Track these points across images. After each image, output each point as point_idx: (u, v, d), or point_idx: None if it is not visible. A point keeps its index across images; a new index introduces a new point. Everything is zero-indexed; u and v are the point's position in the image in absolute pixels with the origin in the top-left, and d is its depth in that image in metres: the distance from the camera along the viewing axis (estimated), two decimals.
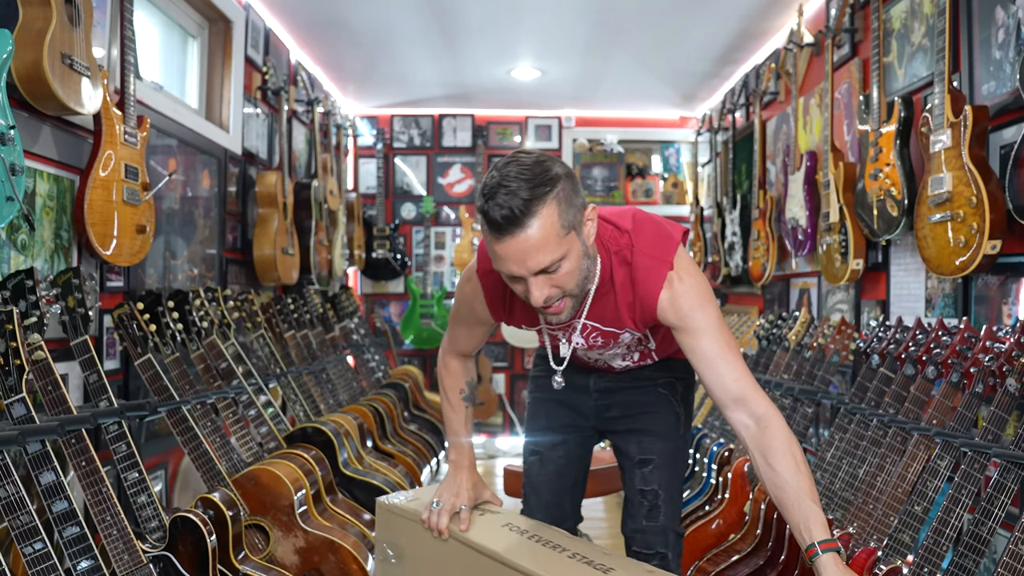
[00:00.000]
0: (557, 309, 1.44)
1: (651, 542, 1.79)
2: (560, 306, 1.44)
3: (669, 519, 1.80)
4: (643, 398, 1.85)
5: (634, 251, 1.51)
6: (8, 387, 1.61)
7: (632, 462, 1.84)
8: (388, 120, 5.73)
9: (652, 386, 1.86)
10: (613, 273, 1.53)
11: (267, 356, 3.17)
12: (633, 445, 1.84)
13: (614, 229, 1.54)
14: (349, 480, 2.91)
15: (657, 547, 1.78)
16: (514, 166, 1.35)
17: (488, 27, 3.92)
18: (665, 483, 1.81)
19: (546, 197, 1.32)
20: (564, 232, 1.35)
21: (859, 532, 2.05)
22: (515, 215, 1.31)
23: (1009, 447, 1.69)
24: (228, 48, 3.39)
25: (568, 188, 1.37)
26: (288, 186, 3.68)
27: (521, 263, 1.35)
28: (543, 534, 1.71)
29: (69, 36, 1.94)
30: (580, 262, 1.41)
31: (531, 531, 1.72)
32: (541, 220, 1.32)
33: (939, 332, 2.09)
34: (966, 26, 2.36)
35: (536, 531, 1.73)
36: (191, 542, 1.91)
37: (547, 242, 1.33)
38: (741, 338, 3.69)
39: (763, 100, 4.03)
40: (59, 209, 2.15)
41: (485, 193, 1.34)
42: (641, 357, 1.81)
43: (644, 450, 1.83)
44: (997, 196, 2.04)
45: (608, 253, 1.53)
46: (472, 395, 1.90)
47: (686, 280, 1.50)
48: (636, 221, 1.56)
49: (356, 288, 5.75)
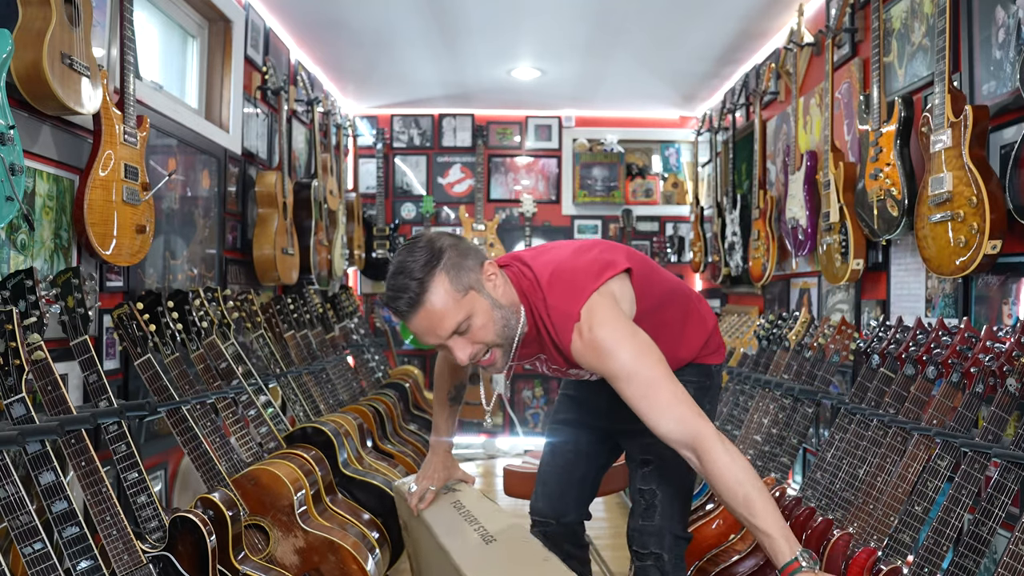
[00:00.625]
0: (488, 362, 1.57)
1: (646, 542, 1.81)
2: (490, 359, 1.57)
3: (666, 520, 1.81)
4: None
5: (547, 307, 1.61)
6: (8, 387, 1.60)
7: (635, 462, 1.88)
8: (388, 120, 5.73)
9: None
10: (540, 322, 1.63)
11: (267, 356, 3.17)
12: (636, 446, 1.87)
13: (532, 284, 1.64)
14: (349, 480, 2.91)
15: (651, 547, 1.80)
16: (404, 253, 1.53)
17: (488, 27, 3.92)
18: (663, 484, 1.82)
19: (435, 271, 1.49)
20: (462, 294, 1.50)
21: (859, 532, 2.05)
22: (413, 297, 1.48)
23: (1009, 447, 1.69)
24: (228, 48, 3.39)
25: (455, 256, 1.52)
26: (288, 186, 3.68)
27: (433, 333, 1.51)
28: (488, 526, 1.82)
29: (69, 36, 1.94)
30: (491, 315, 1.54)
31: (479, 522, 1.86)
32: (435, 292, 1.48)
33: (939, 332, 2.08)
34: (966, 26, 2.36)
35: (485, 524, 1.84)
36: (191, 542, 1.91)
37: (447, 309, 1.49)
38: (741, 338, 3.69)
39: (763, 100, 4.03)
40: (59, 209, 2.15)
41: (387, 286, 1.53)
42: None
43: (645, 451, 1.85)
44: (997, 196, 2.04)
45: (530, 304, 1.63)
46: (458, 396, 2.06)
47: (594, 330, 1.54)
48: (554, 274, 1.63)
49: (356, 288, 5.75)
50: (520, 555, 1.69)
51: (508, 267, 1.68)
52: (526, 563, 1.66)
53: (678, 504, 1.84)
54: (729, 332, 3.90)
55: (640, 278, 1.71)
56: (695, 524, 2.74)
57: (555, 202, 5.79)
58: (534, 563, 1.65)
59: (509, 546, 1.72)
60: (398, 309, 1.52)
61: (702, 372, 1.91)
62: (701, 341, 1.91)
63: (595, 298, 1.59)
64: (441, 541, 1.78)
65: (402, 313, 1.51)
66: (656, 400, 1.50)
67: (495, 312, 1.55)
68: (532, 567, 1.64)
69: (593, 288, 1.60)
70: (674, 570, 1.81)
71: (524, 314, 1.63)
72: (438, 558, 1.80)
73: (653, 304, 1.75)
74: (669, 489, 1.82)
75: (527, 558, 1.67)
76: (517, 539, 1.75)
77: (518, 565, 1.66)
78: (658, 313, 1.77)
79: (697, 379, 1.90)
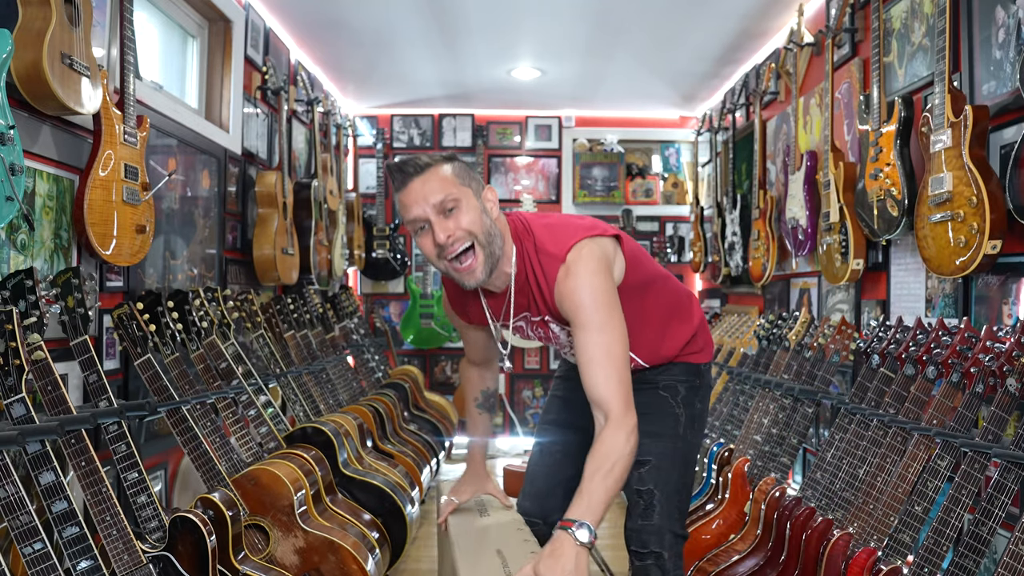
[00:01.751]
0: (469, 266, 1.61)
1: (645, 541, 1.82)
2: (472, 262, 1.61)
3: (665, 519, 1.82)
4: (642, 399, 1.85)
5: (537, 249, 1.69)
6: (8, 387, 1.60)
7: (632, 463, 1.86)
8: (388, 120, 5.73)
9: (652, 388, 1.91)
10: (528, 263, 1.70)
11: (267, 356, 3.17)
12: None
13: (526, 231, 1.72)
14: (349, 480, 2.91)
15: (651, 546, 1.81)
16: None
17: (488, 27, 3.92)
18: (661, 483, 1.83)
19: (440, 163, 1.62)
20: (460, 183, 1.61)
21: (859, 532, 2.05)
22: (417, 166, 1.61)
23: (1009, 447, 1.69)
24: (228, 48, 3.39)
25: (463, 166, 1.65)
26: (288, 186, 3.68)
27: (423, 200, 1.58)
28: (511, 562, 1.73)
29: (69, 36, 1.94)
30: (479, 214, 1.62)
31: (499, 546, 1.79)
32: (437, 170, 1.61)
33: (939, 332, 2.08)
34: (966, 26, 2.36)
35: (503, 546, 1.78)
36: (191, 542, 1.91)
37: (442, 183, 1.59)
38: (741, 338, 3.69)
39: (763, 100, 4.03)
40: (59, 209, 2.15)
41: (392, 167, 1.64)
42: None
43: (641, 451, 1.84)
44: (997, 196, 2.04)
45: (521, 245, 1.71)
46: (486, 403, 2.07)
47: (578, 277, 1.62)
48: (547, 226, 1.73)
49: (356, 288, 5.75)
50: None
51: (507, 215, 1.77)
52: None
53: (676, 502, 1.85)
54: (729, 332, 3.90)
55: (630, 251, 1.78)
56: (695, 524, 2.74)
57: (555, 202, 5.79)
58: None
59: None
60: (403, 171, 1.61)
61: (691, 371, 1.93)
62: (686, 337, 1.92)
63: (585, 243, 1.65)
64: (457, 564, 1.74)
65: (404, 177, 1.61)
66: (598, 355, 1.59)
67: (484, 218, 1.63)
68: None
69: (584, 236, 1.67)
70: (674, 568, 1.81)
71: (516, 258, 1.70)
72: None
73: (639, 281, 1.79)
74: (667, 488, 1.83)
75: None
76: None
77: None
78: (643, 296, 1.82)
79: (687, 378, 1.92)
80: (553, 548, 1.46)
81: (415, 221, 1.61)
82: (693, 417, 1.91)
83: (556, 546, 1.46)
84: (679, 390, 1.90)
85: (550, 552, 1.46)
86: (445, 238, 1.58)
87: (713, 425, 3.31)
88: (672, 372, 1.91)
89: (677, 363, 1.92)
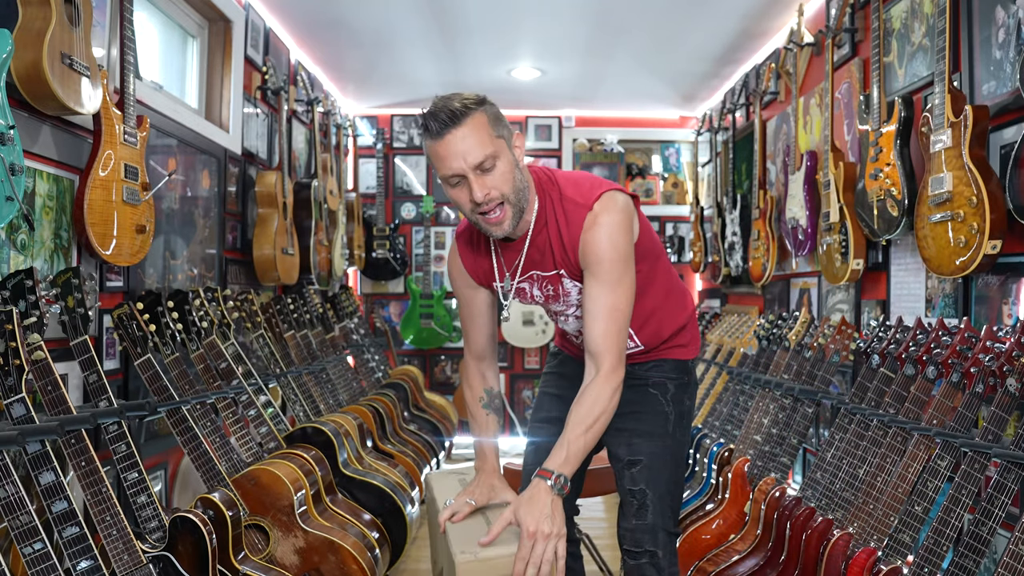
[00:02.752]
0: (498, 218, 1.64)
1: (640, 540, 1.82)
2: (500, 215, 1.64)
3: (658, 517, 1.82)
4: (632, 396, 1.86)
5: (562, 198, 1.72)
6: (8, 387, 1.60)
7: (621, 463, 1.88)
8: (388, 120, 5.73)
9: (643, 385, 1.91)
10: (550, 212, 1.73)
11: (267, 356, 3.17)
12: (623, 447, 1.88)
13: (550, 182, 1.75)
14: (349, 480, 2.91)
15: (646, 545, 1.81)
16: (446, 96, 1.63)
17: (488, 27, 3.92)
18: (653, 483, 1.84)
19: (475, 109, 1.60)
20: (495, 135, 1.61)
21: (859, 532, 2.05)
22: (453, 113, 1.57)
23: (1009, 447, 1.69)
24: (228, 48, 3.39)
25: (494, 111, 1.64)
26: (288, 186, 3.68)
27: (461, 157, 1.58)
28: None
29: (69, 36, 1.94)
30: (512, 170, 1.64)
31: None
32: (473, 121, 1.58)
33: (939, 332, 2.08)
34: (966, 26, 2.36)
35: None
36: (191, 542, 1.91)
37: (480, 139, 1.58)
38: (741, 338, 3.69)
39: (763, 100, 4.03)
40: (59, 209, 2.15)
41: (429, 108, 1.61)
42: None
43: (632, 451, 1.86)
44: (997, 196, 2.04)
45: (545, 195, 1.74)
46: (492, 402, 2.00)
47: (603, 227, 1.67)
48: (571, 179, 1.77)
49: (356, 288, 5.75)
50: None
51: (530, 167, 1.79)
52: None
53: (668, 501, 1.85)
54: (729, 332, 3.90)
55: (642, 217, 1.82)
56: (695, 524, 2.74)
57: None
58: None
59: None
60: (437, 119, 1.57)
61: (680, 368, 1.94)
62: (681, 321, 1.93)
63: (612, 194, 1.70)
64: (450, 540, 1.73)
65: (439, 125, 1.57)
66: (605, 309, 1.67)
67: (516, 173, 1.65)
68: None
69: (610, 188, 1.71)
70: (669, 565, 1.82)
71: (537, 207, 1.73)
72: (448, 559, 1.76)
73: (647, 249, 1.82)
74: (659, 488, 1.84)
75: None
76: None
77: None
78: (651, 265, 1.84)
79: (676, 375, 1.92)
80: (531, 495, 1.58)
81: (451, 176, 1.62)
82: (682, 415, 1.91)
83: (533, 492, 1.58)
84: (668, 387, 1.90)
85: (528, 498, 1.58)
86: (483, 196, 1.61)
87: (713, 425, 3.31)
88: (662, 368, 1.92)
89: (667, 359, 1.92)
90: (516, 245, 1.77)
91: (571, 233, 1.70)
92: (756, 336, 3.24)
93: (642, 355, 1.92)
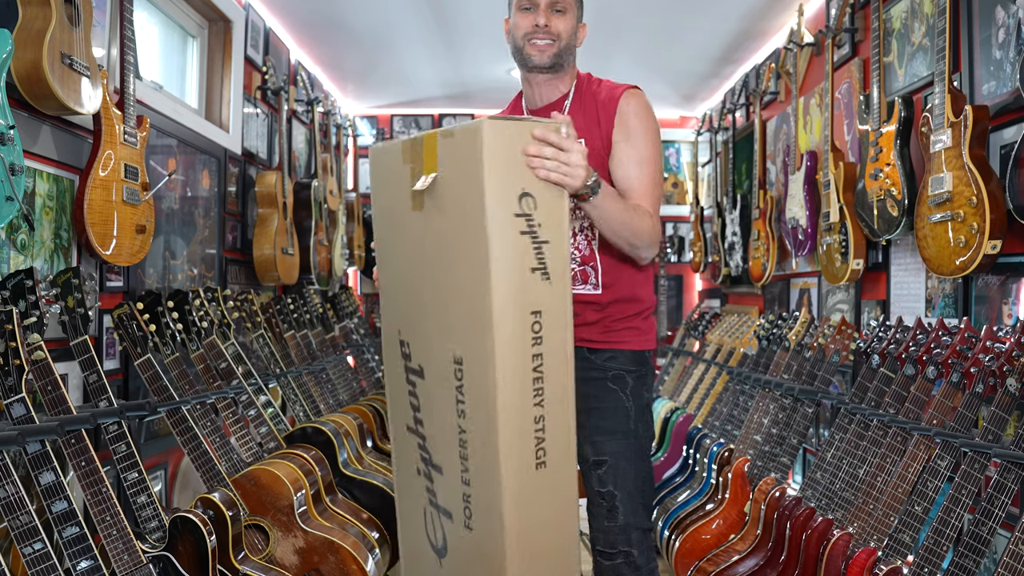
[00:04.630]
0: (544, 46, 1.83)
1: (613, 541, 1.83)
2: (547, 45, 1.83)
3: (630, 516, 1.82)
4: (592, 391, 1.85)
5: (603, 80, 1.96)
6: (8, 387, 1.60)
7: (588, 463, 1.87)
8: (388, 120, 5.72)
9: (601, 379, 1.87)
10: (587, 85, 1.93)
11: (267, 356, 3.17)
12: (587, 445, 1.85)
13: (587, 74, 1.99)
14: (349, 480, 2.91)
15: (620, 546, 1.81)
16: None
17: (488, 27, 3.92)
18: (621, 482, 1.83)
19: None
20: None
21: (859, 532, 2.05)
22: None
23: (1009, 447, 1.69)
24: (228, 48, 3.39)
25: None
26: (288, 186, 3.68)
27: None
28: None
29: (69, 36, 1.94)
30: (574, 27, 1.87)
31: None
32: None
33: (939, 332, 2.08)
34: (966, 26, 2.36)
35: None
36: (191, 542, 1.91)
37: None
38: (741, 338, 3.69)
39: (763, 100, 4.03)
40: (59, 209, 2.15)
41: None
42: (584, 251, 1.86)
43: (597, 451, 1.85)
44: (997, 196, 2.04)
45: (582, 79, 1.96)
46: None
47: (645, 105, 1.89)
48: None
49: (356, 288, 5.75)
50: None
51: None
52: None
53: (639, 498, 1.84)
54: (729, 332, 3.90)
55: None
56: (696, 524, 2.74)
57: None
58: None
59: None
60: None
61: (637, 359, 1.90)
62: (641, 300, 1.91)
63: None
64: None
65: None
66: (639, 159, 1.83)
67: (573, 32, 1.88)
68: None
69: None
70: (646, 562, 1.82)
71: (575, 80, 1.94)
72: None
73: None
74: (626, 486, 1.83)
75: None
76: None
77: None
78: None
79: (635, 368, 1.89)
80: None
81: (527, 1, 1.81)
82: (642, 409, 1.89)
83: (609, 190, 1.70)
84: (627, 381, 1.87)
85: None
86: (544, 22, 1.80)
87: (713, 425, 3.31)
88: (619, 360, 1.88)
89: (623, 350, 1.88)
90: (553, 107, 1.90)
91: (609, 101, 1.85)
92: (756, 336, 3.24)
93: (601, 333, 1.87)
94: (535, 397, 1.48)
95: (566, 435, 1.53)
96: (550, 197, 1.47)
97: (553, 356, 1.49)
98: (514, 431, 1.46)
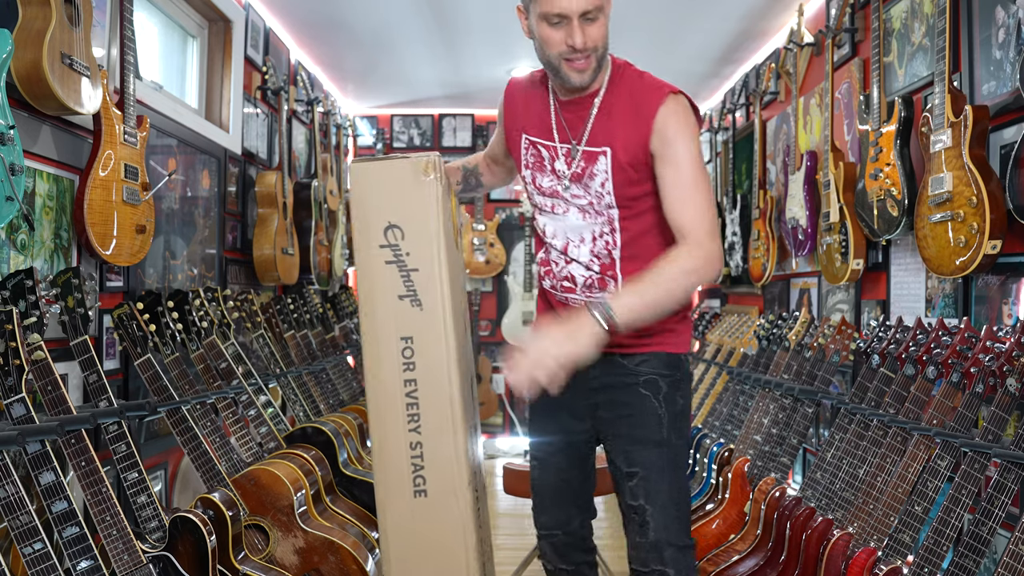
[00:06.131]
0: (584, 66, 1.70)
1: (645, 560, 1.71)
2: (586, 63, 1.70)
3: (661, 533, 1.70)
4: (622, 397, 1.77)
5: (642, 74, 1.80)
6: (8, 387, 1.60)
7: (619, 473, 1.77)
8: (388, 120, 5.73)
9: (633, 384, 1.77)
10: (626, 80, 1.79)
11: (267, 356, 3.17)
12: (620, 456, 1.77)
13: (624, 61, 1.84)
14: (349, 480, 2.91)
15: (652, 564, 1.70)
16: None
17: (488, 27, 3.92)
18: (652, 496, 1.72)
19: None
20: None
21: (859, 532, 2.05)
22: None
23: (1009, 447, 1.69)
24: (228, 48, 3.39)
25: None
26: (288, 186, 3.68)
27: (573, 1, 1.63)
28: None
29: (69, 36, 1.94)
30: (607, 29, 1.72)
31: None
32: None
33: (939, 332, 2.08)
34: (966, 26, 2.36)
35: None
36: (191, 542, 1.91)
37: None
38: (741, 338, 3.69)
39: (763, 100, 4.03)
40: (59, 209, 2.15)
41: None
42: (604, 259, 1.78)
43: (629, 462, 1.75)
44: (997, 196, 2.04)
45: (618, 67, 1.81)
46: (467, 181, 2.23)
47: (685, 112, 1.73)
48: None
49: (356, 288, 5.74)
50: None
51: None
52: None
53: (673, 512, 1.72)
54: (729, 332, 3.90)
55: None
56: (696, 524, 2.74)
57: None
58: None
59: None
60: None
61: (672, 363, 1.79)
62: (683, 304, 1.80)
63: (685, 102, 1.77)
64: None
65: None
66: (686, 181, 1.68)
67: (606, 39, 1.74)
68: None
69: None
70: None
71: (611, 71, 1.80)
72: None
73: None
74: (658, 500, 1.71)
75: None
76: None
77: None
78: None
79: (668, 372, 1.77)
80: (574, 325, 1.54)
81: (555, 15, 1.65)
82: (676, 415, 1.77)
83: (577, 320, 1.55)
84: (660, 386, 1.76)
85: (571, 326, 1.54)
86: (582, 43, 1.66)
87: (713, 425, 3.31)
88: (652, 364, 1.77)
89: (658, 352, 1.78)
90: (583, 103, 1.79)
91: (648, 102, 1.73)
92: (756, 336, 3.24)
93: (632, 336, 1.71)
94: (409, 423, 1.53)
95: (452, 463, 1.55)
96: (418, 229, 1.55)
97: (429, 383, 1.54)
98: (387, 457, 1.53)
